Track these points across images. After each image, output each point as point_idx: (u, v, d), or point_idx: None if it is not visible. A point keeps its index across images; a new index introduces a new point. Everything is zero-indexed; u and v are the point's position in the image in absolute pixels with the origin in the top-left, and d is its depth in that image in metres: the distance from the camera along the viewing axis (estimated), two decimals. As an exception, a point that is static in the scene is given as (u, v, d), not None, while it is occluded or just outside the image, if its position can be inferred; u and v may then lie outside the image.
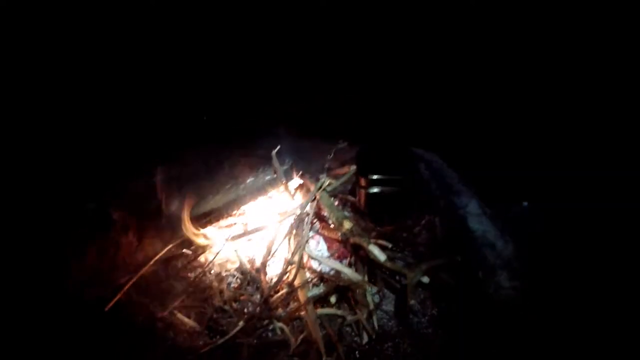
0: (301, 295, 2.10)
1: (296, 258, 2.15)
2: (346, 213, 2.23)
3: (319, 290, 2.02)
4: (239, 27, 2.87)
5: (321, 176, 2.33)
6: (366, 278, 2.20)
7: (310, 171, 2.69)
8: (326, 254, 2.44)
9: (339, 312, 2.14)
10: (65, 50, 2.34)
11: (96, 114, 2.49)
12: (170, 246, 2.44)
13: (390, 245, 2.30)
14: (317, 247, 2.50)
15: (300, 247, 2.15)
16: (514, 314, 1.71)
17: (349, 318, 2.11)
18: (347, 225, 2.00)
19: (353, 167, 2.47)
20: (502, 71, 2.81)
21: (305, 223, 2.25)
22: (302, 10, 2.87)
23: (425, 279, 1.93)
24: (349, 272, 2.03)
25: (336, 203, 2.68)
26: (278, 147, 2.38)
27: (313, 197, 2.29)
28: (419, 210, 2.63)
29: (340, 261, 2.36)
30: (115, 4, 2.47)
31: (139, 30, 2.56)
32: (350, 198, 2.69)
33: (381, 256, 1.94)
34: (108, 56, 2.51)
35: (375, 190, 2.38)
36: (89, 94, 2.48)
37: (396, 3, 2.89)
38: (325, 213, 2.38)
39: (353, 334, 2.14)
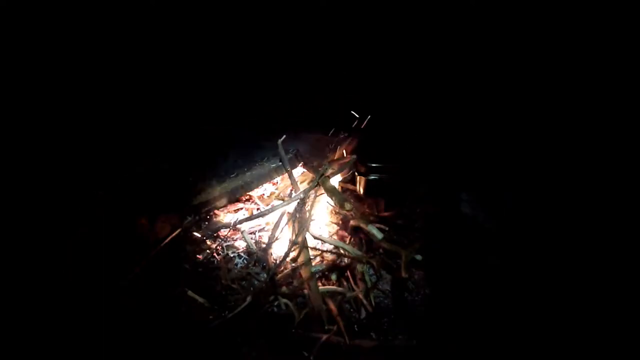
0: (304, 273, 2.26)
1: (300, 239, 2.30)
2: (346, 196, 2.39)
3: (321, 267, 2.18)
4: (245, 26, 2.98)
5: (323, 164, 2.48)
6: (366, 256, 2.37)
7: (314, 160, 2.84)
8: (332, 236, 2.61)
9: (340, 289, 2.30)
10: (65, 48, 2.43)
11: (107, 107, 2.60)
12: (179, 230, 2.60)
13: (387, 229, 2.47)
14: (319, 231, 2.66)
15: (304, 228, 2.30)
16: (500, 282, 1.88)
17: (349, 295, 2.28)
18: (348, 206, 2.16)
19: (354, 157, 2.63)
20: (496, 68, 2.93)
21: (308, 207, 2.41)
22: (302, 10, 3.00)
23: (419, 257, 2.11)
24: (349, 248, 2.19)
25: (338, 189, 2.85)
26: (283, 136, 2.53)
27: (316, 183, 2.45)
28: (416, 199, 2.80)
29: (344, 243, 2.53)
30: (115, 4, 2.56)
31: (139, 30, 2.66)
32: (351, 186, 2.85)
33: (379, 234, 2.11)
34: (111, 53, 2.60)
35: (374, 177, 2.54)
36: (103, 89, 2.59)
37: (395, 3, 3.02)
38: (327, 198, 2.54)
39: (352, 309, 2.31)
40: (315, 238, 2.40)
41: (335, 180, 2.76)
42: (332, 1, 3.05)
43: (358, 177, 2.65)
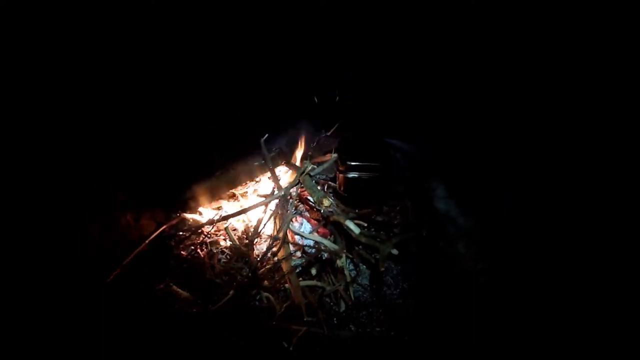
0: (285, 267, 2.33)
1: (281, 234, 2.37)
2: (324, 193, 2.46)
3: (301, 261, 2.25)
4: (238, 27, 3.02)
5: (305, 162, 2.55)
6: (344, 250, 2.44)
7: (296, 158, 2.92)
8: (312, 232, 2.68)
9: (319, 283, 2.38)
10: (65, 48, 2.46)
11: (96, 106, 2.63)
12: (164, 227, 2.66)
13: (365, 225, 2.55)
14: (301, 228, 2.74)
15: (285, 224, 2.38)
16: (468, 275, 1.97)
17: (328, 288, 2.35)
18: (327, 202, 2.24)
19: (335, 155, 2.71)
20: (484, 68, 3.00)
21: (289, 204, 2.48)
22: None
23: (395, 251, 2.18)
24: (327, 243, 2.27)
25: (318, 187, 2.93)
26: (266, 135, 2.60)
27: (297, 181, 2.52)
28: (395, 197, 2.89)
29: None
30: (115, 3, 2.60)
31: (139, 30, 2.69)
32: (332, 184, 2.93)
33: (356, 230, 2.18)
34: (109, 54, 2.64)
35: (353, 175, 2.62)
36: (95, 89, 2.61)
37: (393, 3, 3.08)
38: (308, 195, 2.62)
39: (332, 303, 2.38)
40: (296, 234, 2.47)
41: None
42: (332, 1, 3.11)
43: (338, 175, 2.73)
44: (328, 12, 3.04)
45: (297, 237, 2.62)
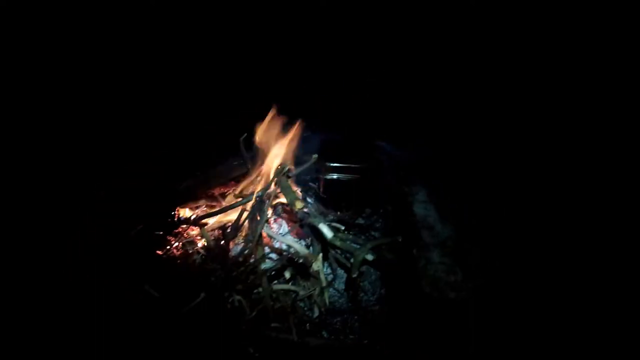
0: (259, 270, 2.28)
1: (255, 236, 2.32)
2: (299, 195, 2.39)
3: (272, 264, 2.20)
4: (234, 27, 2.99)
5: (282, 162, 2.50)
6: (320, 255, 2.38)
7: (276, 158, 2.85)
8: (288, 234, 2.63)
9: (293, 287, 2.32)
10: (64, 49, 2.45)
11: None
12: (140, 226, 2.62)
13: (342, 228, 2.49)
14: (280, 229, 2.69)
15: (259, 225, 2.33)
16: (439, 288, 1.88)
17: (302, 293, 2.30)
18: (299, 205, 2.18)
19: (315, 156, 2.64)
20: (476, 69, 2.93)
21: (265, 205, 2.43)
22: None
23: (370, 257, 2.12)
24: (298, 247, 2.21)
25: (299, 189, 2.87)
26: (245, 134, 2.55)
27: (272, 181, 2.47)
28: (377, 200, 2.82)
29: (299, 241, 2.56)
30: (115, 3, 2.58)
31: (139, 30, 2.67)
32: (313, 185, 2.87)
33: (329, 234, 2.13)
34: (107, 55, 2.62)
35: (332, 176, 2.56)
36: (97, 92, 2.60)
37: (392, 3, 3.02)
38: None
39: (306, 308, 2.33)
40: (269, 236, 2.42)
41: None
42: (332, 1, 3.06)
43: (318, 177, 2.66)
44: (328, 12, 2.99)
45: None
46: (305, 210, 2.34)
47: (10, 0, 2.20)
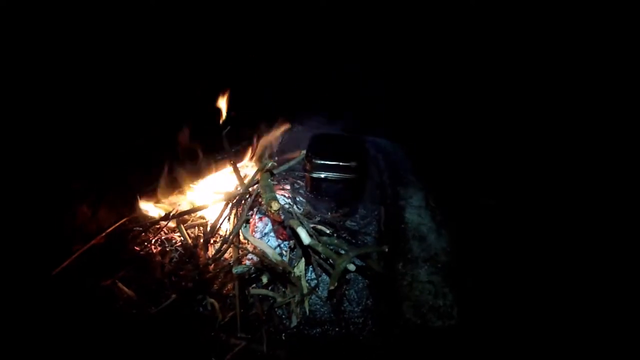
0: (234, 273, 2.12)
1: (231, 237, 2.16)
2: (276, 195, 2.20)
3: (244, 268, 2.03)
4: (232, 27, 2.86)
5: (264, 158, 2.32)
6: (302, 262, 2.20)
7: (264, 153, 2.69)
8: (271, 235, 2.46)
9: (270, 293, 2.15)
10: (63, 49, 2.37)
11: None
12: (123, 220, 2.51)
13: (329, 231, 2.29)
14: (265, 229, 2.52)
15: (237, 226, 2.16)
16: (422, 314, 1.66)
17: (279, 300, 2.12)
18: (275, 206, 2.00)
19: (303, 152, 2.45)
20: (483, 69, 2.74)
21: (244, 204, 2.26)
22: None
23: (352, 267, 1.92)
24: (270, 253, 2.04)
25: (288, 186, 2.69)
26: (227, 127, 2.38)
27: (254, 179, 2.29)
28: (372, 201, 2.60)
29: (281, 243, 2.39)
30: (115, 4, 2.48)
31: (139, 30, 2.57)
32: (300, 183, 2.68)
33: (306, 239, 1.94)
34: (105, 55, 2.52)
35: (319, 174, 2.35)
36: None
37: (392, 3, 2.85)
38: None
39: (283, 316, 2.15)
40: (245, 237, 2.25)
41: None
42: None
43: (306, 174, 2.46)
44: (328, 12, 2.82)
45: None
46: (290, 210, 2.17)
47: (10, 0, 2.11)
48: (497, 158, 2.51)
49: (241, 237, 2.28)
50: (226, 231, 2.33)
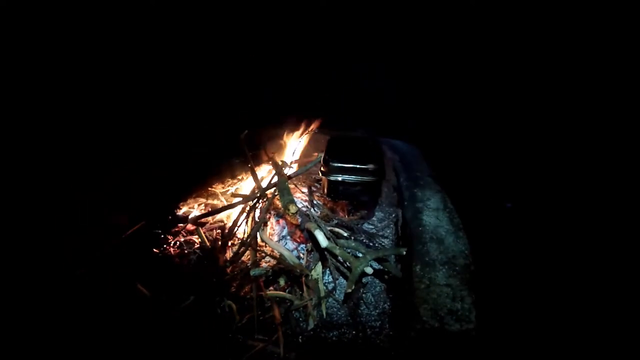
0: (252, 275, 2.14)
1: (249, 239, 2.18)
2: (303, 199, 2.21)
3: (261, 271, 2.04)
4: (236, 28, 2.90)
5: (282, 161, 2.33)
6: (319, 265, 2.20)
7: (281, 156, 2.70)
8: (289, 238, 2.46)
9: (287, 295, 2.16)
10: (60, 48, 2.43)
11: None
12: (141, 223, 2.55)
13: (346, 234, 2.29)
14: (283, 232, 2.53)
15: (254, 229, 2.18)
16: (440, 317, 1.63)
17: (296, 303, 2.12)
18: (292, 209, 2.01)
19: (319, 155, 2.45)
20: (493, 70, 2.70)
21: (263, 207, 2.28)
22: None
23: (369, 270, 1.90)
24: (287, 255, 2.04)
25: (305, 189, 2.69)
26: (246, 131, 2.40)
27: (273, 182, 2.31)
28: (390, 203, 2.59)
29: (299, 246, 2.39)
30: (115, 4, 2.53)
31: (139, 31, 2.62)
32: (318, 186, 2.68)
33: (324, 242, 1.94)
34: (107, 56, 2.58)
35: (336, 177, 2.35)
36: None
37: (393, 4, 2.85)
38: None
39: (300, 319, 2.15)
40: (262, 240, 2.26)
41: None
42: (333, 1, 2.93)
43: (322, 178, 2.46)
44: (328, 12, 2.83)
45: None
46: (307, 213, 2.17)
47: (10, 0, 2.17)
48: (514, 160, 2.47)
49: (259, 240, 2.29)
50: (244, 234, 2.34)
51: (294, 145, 2.64)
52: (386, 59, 3.01)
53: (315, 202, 2.64)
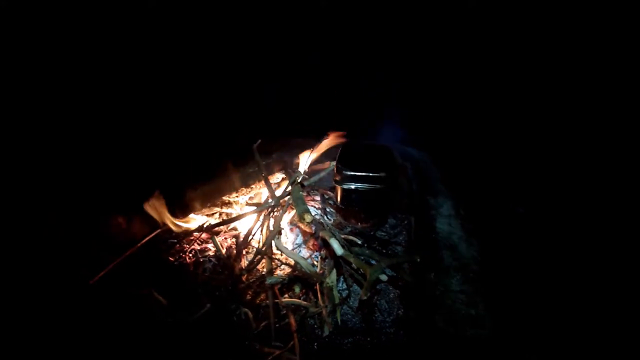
0: (267, 283, 2.17)
1: (265, 248, 2.21)
2: (315, 207, 2.24)
3: (277, 279, 2.07)
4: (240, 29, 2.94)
5: (296, 170, 2.36)
6: (334, 272, 2.23)
7: (294, 165, 2.74)
8: (303, 246, 2.49)
9: (303, 303, 2.18)
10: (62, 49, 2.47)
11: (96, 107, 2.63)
12: (157, 231, 2.59)
13: (359, 242, 2.31)
14: (297, 240, 2.56)
15: (270, 237, 2.21)
16: (456, 322, 1.66)
17: (311, 310, 2.15)
18: (308, 218, 2.03)
19: (332, 163, 2.49)
20: (500, 73, 2.72)
21: (277, 215, 2.31)
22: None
23: (384, 277, 1.93)
24: (303, 264, 2.07)
25: (318, 197, 2.72)
26: (259, 141, 2.44)
27: (285, 191, 2.34)
28: (401, 211, 2.61)
29: (313, 254, 2.41)
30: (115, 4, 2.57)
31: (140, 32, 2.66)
32: (330, 193, 2.71)
33: (339, 250, 1.96)
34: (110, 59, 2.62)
35: (349, 186, 2.38)
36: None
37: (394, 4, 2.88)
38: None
39: (315, 326, 2.18)
40: (278, 248, 2.29)
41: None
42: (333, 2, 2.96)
43: (336, 186, 2.50)
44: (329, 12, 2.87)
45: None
46: (321, 221, 2.20)
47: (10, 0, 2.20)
48: (526, 166, 2.48)
49: (273, 248, 2.32)
50: (259, 242, 2.38)
51: (307, 153, 2.67)
52: (397, 65, 3.04)
53: (327, 209, 2.67)
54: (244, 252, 2.43)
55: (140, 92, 2.54)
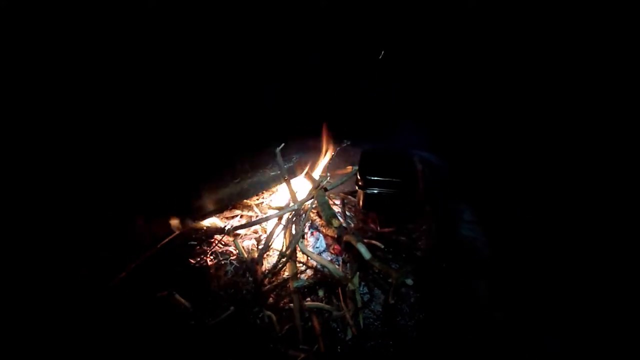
0: (291, 286, 2.18)
1: (289, 251, 2.22)
2: (336, 212, 2.26)
3: (303, 282, 2.08)
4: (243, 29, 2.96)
5: (320, 174, 2.39)
6: (357, 276, 2.25)
7: (315, 169, 2.76)
8: (324, 250, 2.51)
9: (326, 306, 2.20)
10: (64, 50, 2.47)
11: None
12: (176, 233, 2.60)
13: (382, 246, 2.34)
14: (317, 244, 2.58)
15: (294, 240, 2.22)
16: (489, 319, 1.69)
17: (335, 313, 2.16)
18: (335, 223, 2.06)
19: (354, 168, 2.52)
20: (505, 74, 2.75)
21: (301, 219, 2.33)
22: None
23: (409, 281, 1.95)
24: (331, 268, 2.09)
25: (338, 202, 2.74)
26: (282, 144, 2.46)
27: (310, 195, 2.36)
28: (421, 216, 2.64)
29: (336, 258, 2.43)
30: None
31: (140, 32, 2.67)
32: (351, 198, 2.73)
33: (367, 254, 1.99)
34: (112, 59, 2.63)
35: (372, 191, 2.41)
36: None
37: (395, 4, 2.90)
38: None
39: (338, 329, 2.19)
40: (303, 252, 2.31)
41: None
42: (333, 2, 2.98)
43: (358, 190, 2.52)
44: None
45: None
46: (344, 226, 2.22)
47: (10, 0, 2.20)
48: (550, 172, 2.50)
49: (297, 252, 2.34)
50: (282, 246, 2.39)
51: (328, 157, 2.70)
52: (397, 66, 3.07)
53: (347, 214, 2.70)
54: (265, 255, 2.45)
55: (141, 92, 2.54)
